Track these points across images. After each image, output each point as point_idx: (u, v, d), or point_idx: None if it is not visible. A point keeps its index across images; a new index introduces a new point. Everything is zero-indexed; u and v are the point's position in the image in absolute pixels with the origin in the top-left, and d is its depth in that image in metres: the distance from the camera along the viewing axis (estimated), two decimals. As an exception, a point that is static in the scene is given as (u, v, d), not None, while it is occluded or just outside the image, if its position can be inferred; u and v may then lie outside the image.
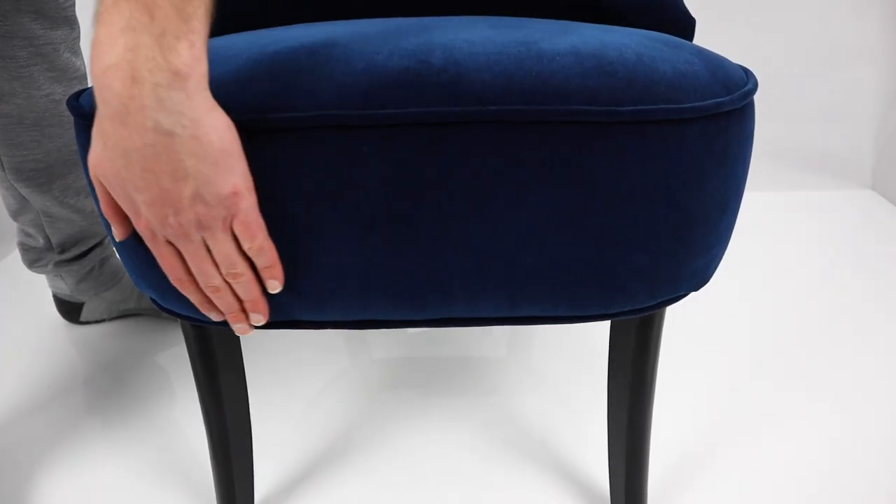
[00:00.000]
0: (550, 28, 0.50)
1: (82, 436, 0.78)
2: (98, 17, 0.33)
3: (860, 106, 1.18)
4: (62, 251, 0.82)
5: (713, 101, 0.43)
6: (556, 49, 0.44)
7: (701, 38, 1.16)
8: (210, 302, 0.43)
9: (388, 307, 0.47)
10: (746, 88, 0.45)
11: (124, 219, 0.40)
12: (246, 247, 0.40)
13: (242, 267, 0.41)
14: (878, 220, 1.16)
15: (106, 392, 0.85)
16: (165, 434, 0.78)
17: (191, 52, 0.33)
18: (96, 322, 0.94)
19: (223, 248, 0.39)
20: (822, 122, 1.19)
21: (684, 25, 0.64)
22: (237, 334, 0.45)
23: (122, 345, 0.92)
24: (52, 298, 0.96)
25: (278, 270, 0.43)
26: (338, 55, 0.44)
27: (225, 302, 0.42)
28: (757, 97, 1.22)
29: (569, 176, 0.42)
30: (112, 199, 0.38)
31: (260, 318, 0.44)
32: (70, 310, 0.91)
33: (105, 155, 0.35)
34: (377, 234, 0.44)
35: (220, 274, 0.41)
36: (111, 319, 0.95)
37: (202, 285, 0.41)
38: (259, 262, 0.41)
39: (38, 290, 1.02)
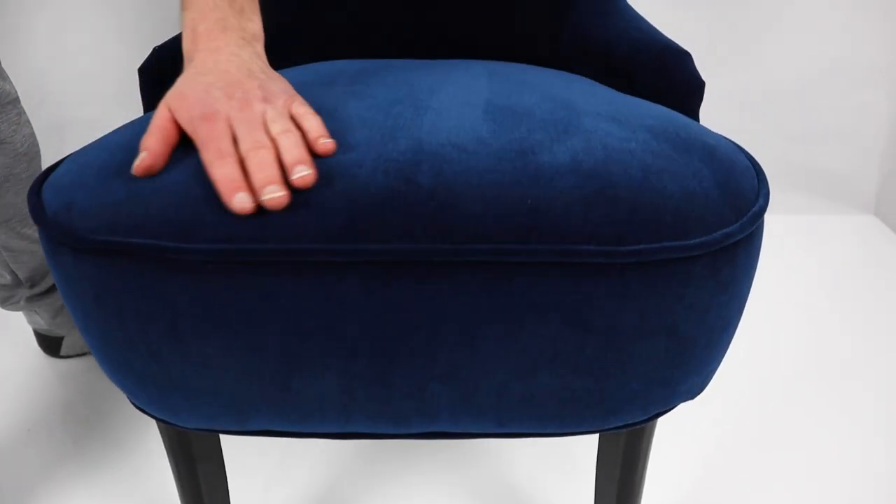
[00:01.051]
0: (554, 117, 0.46)
1: (62, 474, 0.77)
2: (186, 4, 0.46)
3: (867, 130, 1.14)
4: (32, 285, 0.79)
5: (722, 232, 0.40)
6: (555, 164, 0.40)
7: (710, 56, 1.10)
8: (239, 181, 0.38)
9: (370, 425, 0.45)
10: (756, 208, 0.42)
11: (173, 132, 0.41)
12: (301, 112, 0.43)
13: (291, 128, 0.40)
14: (878, 248, 1.14)
15: (87, 428, 0.83)
16: (146, 473, 0.77)
17: (258, 24, 0.48)
18: (77, 356, 0.92)
19: (279, 112, 0.41)
20: (828, 145, 1.15)
21: (693, 88, 0.60)
22: (269, 207, 0.37)
23: (103, 378, 0.90)
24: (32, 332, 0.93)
25: (327, 138, 0.41)
26: (316, 166, 0.40)
27: (264, 162, 0.38)
28: (762, 117, 1.17)
29: (563, 314, 0.39)
30: (167, 123, 0.41)
31: (306, 173, 0.38)
32: (50, 344, 0.89)
33: (186, 80, 0.43)
34: (360, 365, 0.41)
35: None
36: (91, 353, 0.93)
37: (242, 149, 0.38)
38: (310, 126, 0.41)
39: (18, 322, 0.99)
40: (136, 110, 1.22)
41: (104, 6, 1.11)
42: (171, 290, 0.39)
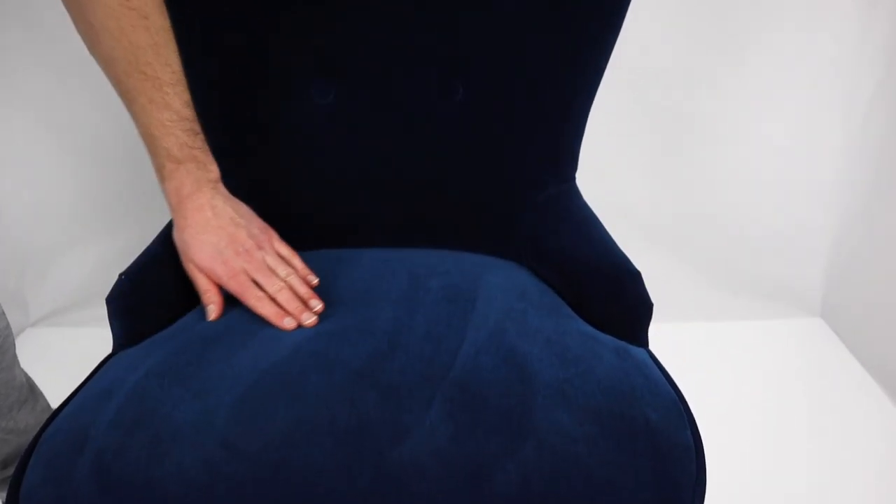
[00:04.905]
0: (509, 402, 0.50)
1: None
2: (165, 175, 0.61)
3: (812, 234, 1.20)
4: (4, 467, 0.79)
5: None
6: (507, 493, 0.44)
7: (656, 168, 1.13)
8: (281, 311, 0.59)
9: None
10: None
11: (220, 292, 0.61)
12: (286, 255, 0.66)
13: (291, 271, 0.63)
14: (825, 352, 1.19)
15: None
16: None
17: (216, 168, 0.64)
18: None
19: (275, 259, 0.63)
20: (775, 250, 1.21)
21: (642, 312, 0.64)
22: (308, 326, 0.59)
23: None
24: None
25: (312, 275, 0.65)
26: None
27: (289, 297, 0.60)
28: (708, 223, 1.22)
29: None
30: (209, 284, 0.61)
31: (319, 306, 0.61)
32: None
33: (196, 242, 0.61)
34: None
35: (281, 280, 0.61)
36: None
37: (271, 291, 0.60)
38: (297, 265, 0.65)
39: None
40: (92, 229, 1.23)
41: (49, 132, 1.12)
42: None
